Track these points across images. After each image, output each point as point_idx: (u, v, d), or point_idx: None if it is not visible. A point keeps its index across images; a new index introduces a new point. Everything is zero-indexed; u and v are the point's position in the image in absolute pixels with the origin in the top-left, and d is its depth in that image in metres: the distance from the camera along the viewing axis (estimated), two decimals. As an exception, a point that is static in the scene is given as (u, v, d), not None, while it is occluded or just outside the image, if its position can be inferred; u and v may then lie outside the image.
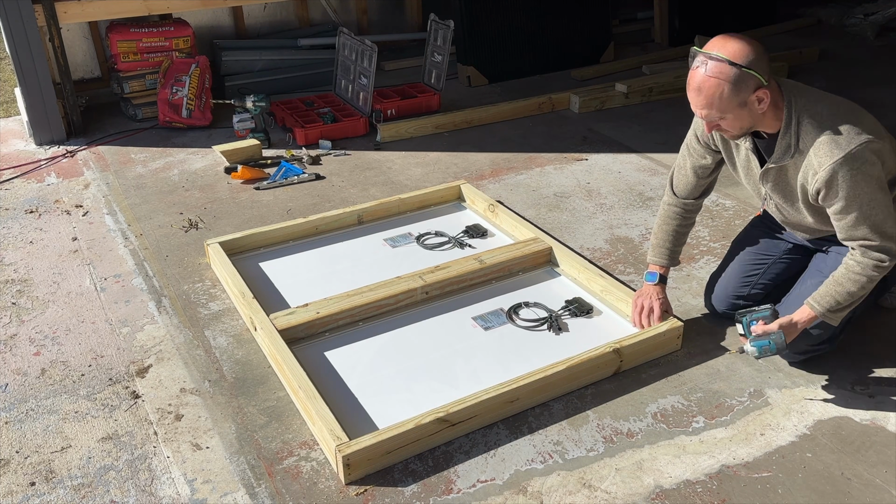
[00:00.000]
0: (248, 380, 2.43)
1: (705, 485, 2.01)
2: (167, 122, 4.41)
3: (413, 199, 3.41)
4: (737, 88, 2.06)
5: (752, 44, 2.07)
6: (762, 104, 2.10)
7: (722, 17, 5.91)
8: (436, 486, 2.03)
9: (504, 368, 2.42)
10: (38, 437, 2.22)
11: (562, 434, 2.19)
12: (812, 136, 2.13)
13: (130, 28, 4.46)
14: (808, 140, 2.14)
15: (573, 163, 3.95)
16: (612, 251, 3.13)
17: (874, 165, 2.11)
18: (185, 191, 3.68)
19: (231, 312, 2.76)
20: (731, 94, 2.06)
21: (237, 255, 3.04)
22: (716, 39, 2.11)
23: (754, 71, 2.05)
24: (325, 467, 2.09)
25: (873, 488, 2.00)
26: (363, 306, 2.65)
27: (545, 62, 5.29)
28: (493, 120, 4.51)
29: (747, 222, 3.30)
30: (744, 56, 2.05)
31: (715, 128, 2.20)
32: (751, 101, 2.09)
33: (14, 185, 3.79)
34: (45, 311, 2.80)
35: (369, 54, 4.21)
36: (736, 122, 2.14)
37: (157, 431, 2.23)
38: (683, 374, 2.42)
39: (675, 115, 4.55)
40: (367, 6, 5.67)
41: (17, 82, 4.16)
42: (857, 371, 2.41)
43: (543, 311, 2.70)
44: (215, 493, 2.02)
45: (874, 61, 5.44)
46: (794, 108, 2.15)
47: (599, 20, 5.44)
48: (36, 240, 3.28)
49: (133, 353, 2.57)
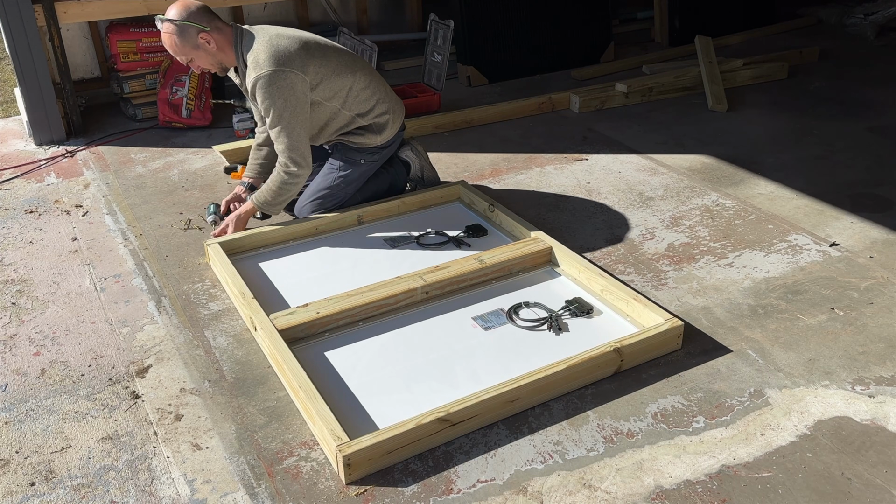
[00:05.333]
0: (248, 380, 2.43)
1: (705, 485, 2.01)
2: (167, 122, 4.41)
3: (413, 199, 3.40)
4: (183, 37, 2.86)
5: (186, 2, 2.88)
6: (212, 44, 2.90)
7: (722, 17, 5.91)
8: (436, 487, 2.03)
9: (504, 368, 2.42)
10: (38, 438, 2.22)
11: (562, 434, 2.19)
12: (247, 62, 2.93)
13: (130, 28, 4.46)
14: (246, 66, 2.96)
15: (573, 163, 3.95)
16: (612, 251, 3.13)
17: (284, 89, 2.85)
18: (185, 191, 3.68)
19: (231, 312, 2.76)
20: (181, 41, 2.87)
21: (237, 255, 3.04)
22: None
23: (190, 21, 2.84)
24: (325, 467, 2.09)
25: (873, 488, 2.00)
26: (363, 306, 2.65)
27: (545, 62, 5.29)
28: (493, 120, 4.51)
29: (747, 222, 3.31)
30: (179, 13, 2.85)
31: (196, 68, 2.99)
32: (202, 44, 2.89)
33: (14, 185, 3.79)
34: (45, 311, 2.80)
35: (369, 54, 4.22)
36: (203, 61, 2.96)
37: (157, 431, 2.23)
38: (683, 374, 2.42)
39: (676, 114, 4.55)
40: (367, 6, 5.67)
41: (17, 82, 4.16)
42: (857, 371, 2.41)
43: (543, 311, 2.70)
44: (215, 493, 2.02)
45: (874, 61, 5.44)
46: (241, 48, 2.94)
47: (599, 20, 5.43)
48: (36, 240, 3.28)
49: (133, 353, 2.57)
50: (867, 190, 3.58)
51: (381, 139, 3.21)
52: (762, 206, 3.44)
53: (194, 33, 2.87)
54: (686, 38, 5.67)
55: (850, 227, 3.25)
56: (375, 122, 3.17)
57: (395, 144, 3.34)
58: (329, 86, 3.01)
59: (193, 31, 2.86)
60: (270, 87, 2.86)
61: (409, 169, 3.49)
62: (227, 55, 2.97)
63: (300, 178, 3.04)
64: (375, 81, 3.17)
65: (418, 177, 3.51)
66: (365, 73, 3.13)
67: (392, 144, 3.32)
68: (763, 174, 3.74)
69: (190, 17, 2.86)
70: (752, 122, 4.40)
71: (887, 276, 2.90)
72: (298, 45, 2.93)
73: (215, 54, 2.94)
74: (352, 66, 3.09)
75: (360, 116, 3.14)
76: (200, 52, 2.92)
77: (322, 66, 2.97)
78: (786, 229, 3.24)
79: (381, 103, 3.17)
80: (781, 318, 2.67)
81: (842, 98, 4.71)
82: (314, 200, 3.22)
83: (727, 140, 4.16)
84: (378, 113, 3.16)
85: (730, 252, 3.08)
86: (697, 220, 3.34)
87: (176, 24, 2.85)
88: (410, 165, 3.49)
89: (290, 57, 2.89)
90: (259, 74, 2.86)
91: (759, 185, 3.64)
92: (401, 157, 3.48)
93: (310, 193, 3.24)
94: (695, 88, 4.84)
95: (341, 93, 3.05)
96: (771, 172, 3.76)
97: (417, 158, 3.49)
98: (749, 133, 4.26)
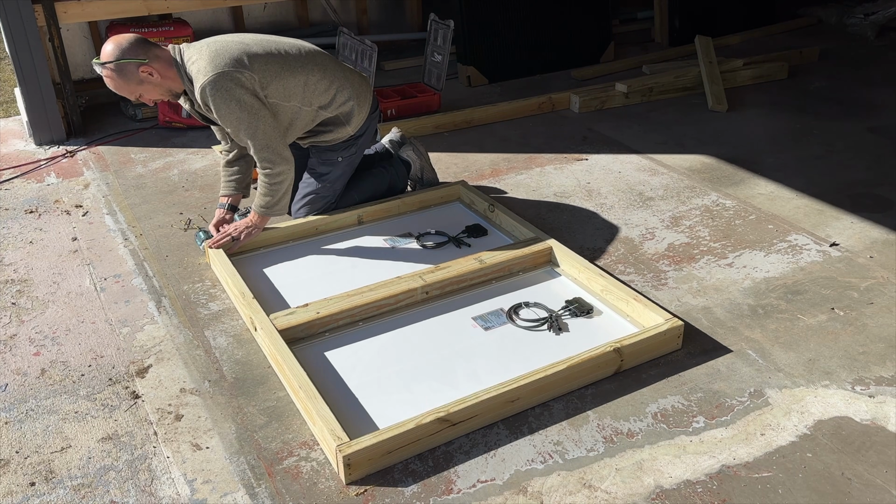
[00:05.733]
0: (248, 380, 2.43)
1: (705, 485, 2.01)
2: (167, 122, 4.41)
3: (413, 199, 3.40)
4: (124, 76, 2.77)
5: (118, 40, 2.76)
6: (155, 75, 2.80)
7: (721, 17, 5.91)
8: (436, 487, 2.03)
9: (504, 368, 2.42)
10: (38, 438, 2.22)
11: (562, 434, 2.19)
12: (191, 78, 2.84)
13: (130, 28, 4.46)
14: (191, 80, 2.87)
15: (573, 163, 3.95)
16: (612, 251, 3.13)
17: (233, 90, 2.78)
18: (184, 191, 3.68)
19: (231, 312, 2.76)
20: (123, 80, 2.77)
21: (237, 255, 3.04)
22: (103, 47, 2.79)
23: (127, 58, 2.74)
24: (325, 467, 2.09)
25: (873, 488, 2.00)
26: (363, 306, 2.65)
27: (545, 62, 5.29)
28: (493, 120, 4.51)
29: (747, 222, 3.31)
30: (114, 53, 2.75)
31: (149, 101, 2.90)
32: (144, 78, 2.79)
33: (14, 185, 3.79)
34: (45, 311, 2.80)
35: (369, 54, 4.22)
36: (152, 94, 2.86)
37: (157, 431, 2.23)
38: (683, 374, 2.42)
39: (676, 114, 4.55)
40: (367, 6, 5.67)
41: (17, 82, 4.16)
42: (857, 371, 2.41)
43: (543, 311, 2.70)
44: (215, 493, 2.02)
45: (874, 61, 5.44)
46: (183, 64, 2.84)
47: (599, 20, 5.44)
48: (36, 240, 3.28)
49: (133, 353, 2.57)
50: (867, 190, 3.58)
51: (351, 129, 3.15)
52: (762, 206, 3.44)
53: (134, 69, 2.76)
54: (686, 38, 5.67)
55: (850, 227, 3.25)
56: (340, 111, 3.09)
57: (370, 131, 3.26)
58: (282, 84, 2.92)
59: (132, 66, 2.76)
60: (218, 91, 2.77)
61: (409, 169, 3.49)
62: (174, 80, 2.86)
63: (282, 173, 2.95)
64: (331, 71, 3.06)
65: (418, 177, 3.51)
66: (317, 64, 3.02)
67: (366, 132, 3.24)
68: (763, 174, 3.74)
69: (125, 53, 2.74)
70: (752, 122, 4.40)
71: (887, 276, 2.90)
72: (238, 46, 2.87)
73: (160, 83, 2.83)
74: (300, 60, 2.98)
75: (323, 109, 3.06)
76: (146, 85, 2.81)
77: (268, 62, 2.88)
78: (786, 229, 3.24)
79: (342, 91, 3.07)
80: (781, 318, 2.67)
81: (842, 98, 4.71)
82: (304, 205, 3.21)
83: (727, 140, 4.16)
84: (340, 102, 3.07)
85: (730, 252, 3.09)
86: (697, 220, 3.34)
87: (114, 65, 2.74)
88: (411, 165, 3.49)
89: (231, 57, 2.81)
90: (204, 82, 2.77)
91: (759, 185, 3.64)
92: (401, 156, 3.48)
93: (298, 198, 3.22)
94: (695, 88, 4.84)
95: (296, 90, 2.96)
96: (771, 172, 3.76)
97: (419, 159, 3.49)
98: (749, 133, 4.26)
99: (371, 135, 3.30)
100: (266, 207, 3.01)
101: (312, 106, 3.03)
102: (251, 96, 2.83)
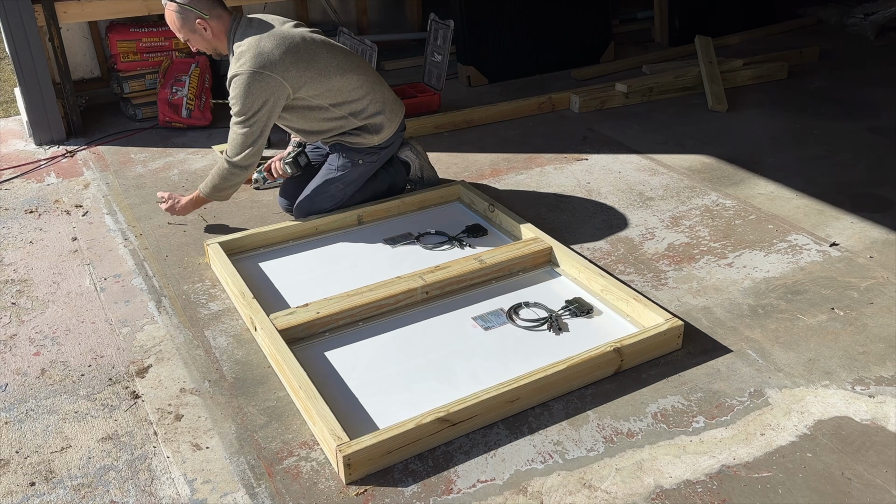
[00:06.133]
0: (248, 380, 2.43)
1: (705, 485, 2.01)
2: (167, 122, 4.41)
3: (413, 199, 3.40)
4: (182, 19, 3.00)
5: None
6: (208, 31, 3.02)
7: (722, 17, 5.91)
8: (436, 487, 2.03)
9: (504, 368, 2.42)
10: (38, 438, 2.22)
11: (562, 434, 2.19)
12: (234, 52, 3.02)
13: (130, 28, 4.46)
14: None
15: (573, 163, 3.95)
16: (612, 251, 3.13)
17: (257, 91, 2.93)
18: (185, 191, 3.68)
19: (231, 312, 2.76)
20: (180, 22, 3.01)
21: (237, 255, 3.04)
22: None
23: (191, 7, 2.97)
24: (325, 467, 2.09)
25: (873, 488, 2.00)
26: (363, 306, 2.65)
27: (545, 62, 5.29)
28: (493, 120, 4.51)
29: (747, 222, 3.31)
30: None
31: (193, 48, 3.11)
32: (199, 29, 3.01)
33: (14, 185, 3.79)
34: (45, 311, 2.80)
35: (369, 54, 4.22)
36: (199, 44, 3.08)
37: (157, 431, 2.23)
38: (683, 374, 2.42)
39: (676, 114, 4.55)
40: (367, 6, 5.67)
41: (17, 82, 4.16)
42: (857, 371, 2.41)
43: (543, 311, 2.70)
44: (215, 493, 2.02)
45: (874, 61, 5.44)
46: (233, 38, 3.02)
47: (599, 20, 5.43)
48: (36, 240, 3.28)
49: (133, 353, 2.57)
50: (867, 190, 3.58)
51: (378, 139, 3.21)
52: (762, 206, 3.44)
53: (193, 18, 2.99)
54: (686, 38, 5.67)
55: (850, 227, 3.25)
56: (369, 122, 3.18)
57: (394, 145, 3.34)
58: (314, 86, 3.03)
59: (193, 16, 2.98)
60: (244, 85, 2.92)
61: (408, 169, 3.50)
62: (222, 43, 3.06)
63: (238, 177, 3.10)
64: (370, 82, 3.17)
65: (418, 177, 3.51)
66: (358, 73, 3.14)
67: (391, 145, 3.32)
68: (763, 174, 3.74)
69: (192, 2, 2.96)
70: (752, 122, 4.40)
71: (887, 276, 2.90)
72: (284, 49, 2.95)
73: (210, 41, 3.05)
74: (343, 66, 3.09)
75: (354, 116, 3.14)
76: (197, 35, 3.04)
77: (307, 69, 3.00)
78: (786, 229, 3.24)
79: (374, 104, 3.17)
80: (781, 318, 2.67)
81: (842, 98, 4.71)
82: (313, 202, 3.22)
83: (727, 140, 4.16)
84: (370, 113, 3.16)
85: (730, 252, 3.09)
86: (697, 220, 3.34)
87: (178, 6, 2.97)
88: (410, 165, 3.49)
89: (272, 61, 2.92)
90: (237, 71, 2.94)
91: (759, 185, 3.64)
92: (400, 157, 3.48)
93: (308, 194, 3.24)
94: (695, 88, 4.84)
95: (328, 93, 3.07)
96: (771, 172, 3.76)
97: (417, 158, 3.49)
98: (749, 133, 4.26)
99: (394, 150, 3.38)
100: (211, 190, 3.16)
101: (343, 111, 3.13)
102: (268, 103, 2.97)
